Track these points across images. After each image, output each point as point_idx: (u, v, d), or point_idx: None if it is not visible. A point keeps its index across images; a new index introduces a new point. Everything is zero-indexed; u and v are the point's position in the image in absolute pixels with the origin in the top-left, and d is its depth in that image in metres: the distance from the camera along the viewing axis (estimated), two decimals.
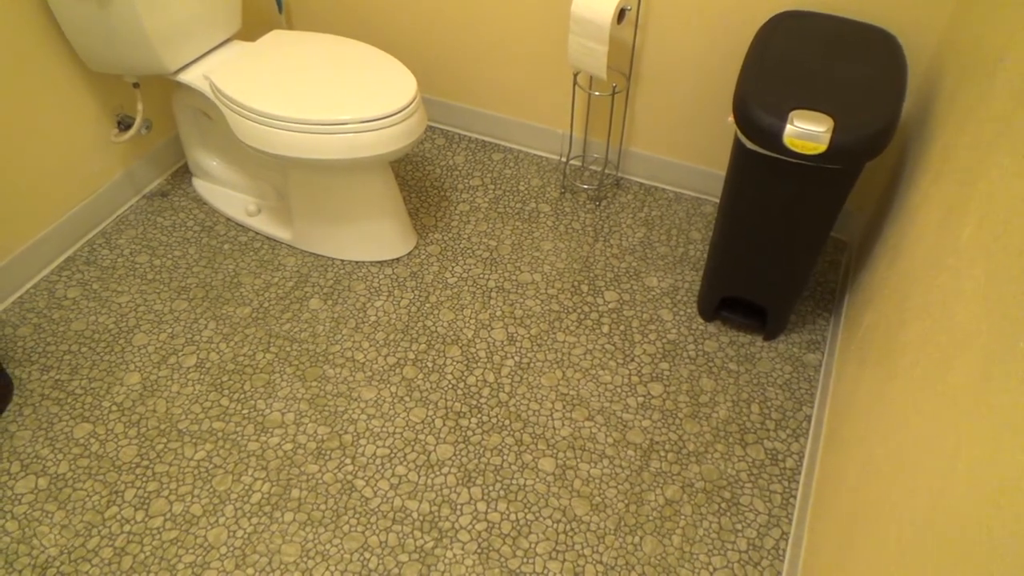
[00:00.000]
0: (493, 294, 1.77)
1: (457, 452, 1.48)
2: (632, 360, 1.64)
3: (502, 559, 1.33)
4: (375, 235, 1.80)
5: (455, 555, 1.33)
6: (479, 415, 1.54)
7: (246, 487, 1.42)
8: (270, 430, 1.50)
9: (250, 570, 1.31)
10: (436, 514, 1.39)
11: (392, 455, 1.47)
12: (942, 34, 1.50)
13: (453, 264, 1.84)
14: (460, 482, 1.43)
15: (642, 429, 1.52)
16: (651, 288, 1.80)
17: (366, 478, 1.43)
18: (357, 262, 1.84)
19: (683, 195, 2.04)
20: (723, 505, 1.41)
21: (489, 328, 1.70)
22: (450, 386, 1.59)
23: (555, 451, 1.48)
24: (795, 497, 1.42)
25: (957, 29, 1.40)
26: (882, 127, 1.24)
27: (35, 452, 1.46)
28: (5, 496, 1.40)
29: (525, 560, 1.33)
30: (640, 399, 1.57)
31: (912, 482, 0.85)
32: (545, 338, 1.68)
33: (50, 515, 1.38)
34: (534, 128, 2.12)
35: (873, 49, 1.41)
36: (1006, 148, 0.90)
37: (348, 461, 1.46)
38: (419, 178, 2.08)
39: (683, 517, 1.39)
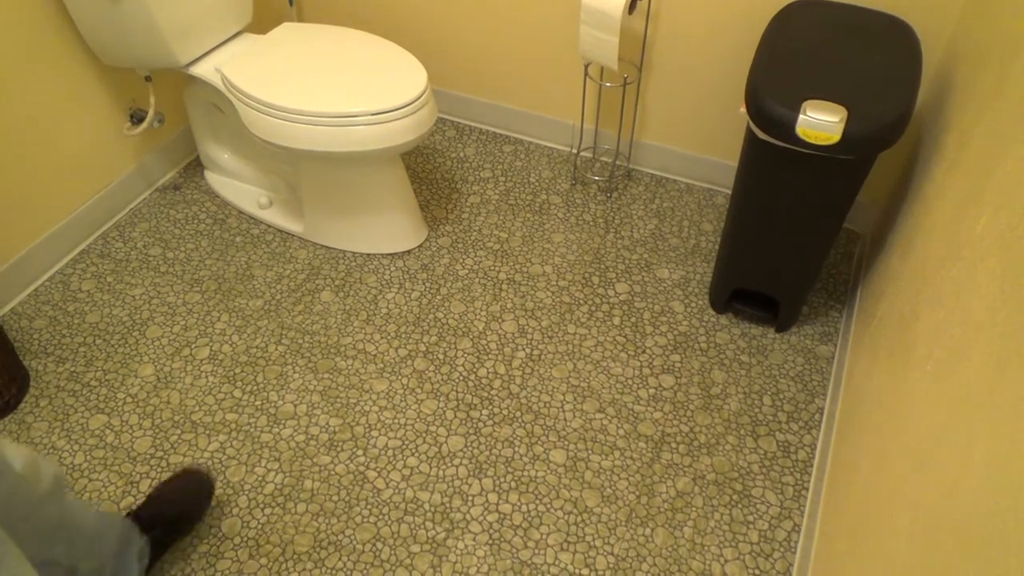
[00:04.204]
0: (504, 286, 1.77)
1: (468, 444, 1.48)
2: (643, 352, 1.64)
3: (513, 550, 1.34)
4: (386, 227, 1.81)
5: (466, 546, 1.34)
6: (490, 407, 1.54)
7: (259, 478, 1.43)
8: (283, 421, 1.51)
9: (264, 560, 1.32)
10: (448, 505, 1.39)
11: (404, 446, 1.48)
12: (957, 22, 1.48)
13: (464, 256, 1.84)
14: (471, 473, 1.44)
15: (653, 421, 1.52)
16: (662, 280, 1.79)
17: (378, 469, 1.44)
18: (368, 254, 1.85)
19: (695, 186, 2.03)
20: (735, 497, 1.41)
21: (500, 320, 1.70)
22: (461, 378, 1.59)
23: (566, 443, 1.49)
24: (807, 489, 1.42)
25: (973, 16, 1.38)
26: (896, 117, 1.23)
27: (51, 443, 1.48)
28: None
29: (536, 551, 1.34)
30: (651, 391, 1.57)
31: (926, 475, 0.84)
32: (556, 330, 1.68)
33: None
34: (545, 120, 2.11)
35: (887, 37, 1.40)
36: (1023, 138, 0.89)
37: (360, 452, 1.47)
38: (430, 170, 2.08)
39: (694, 509, 1.39)
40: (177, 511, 1.31)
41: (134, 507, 1.30)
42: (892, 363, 1.16)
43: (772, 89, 1.28)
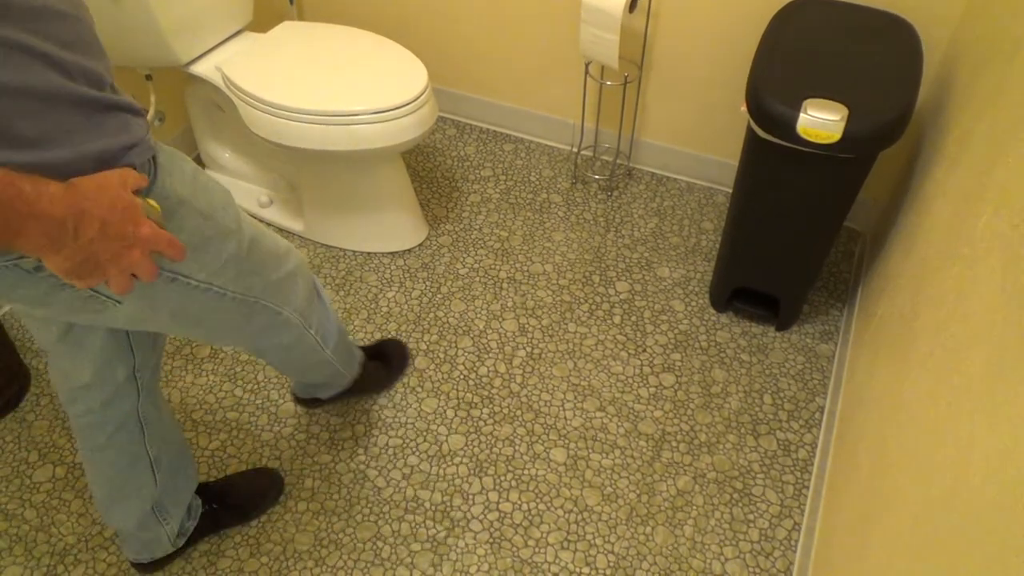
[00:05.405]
0: (504, 285, 1.77)
1: (469, 442, 1.48)
2: (644, 351, 1.64)
3: (514, 549, 1.34)
4: (387, 226, 1.81)
5: (467, 544, 1.34)
6: (490, 405, 1.54)
7: None
8: (283, 420, 1.51)
9: (264, 558, 1.32)
10: (448, 504, 1.39)
11: (404, 445, 1.48)
12: (959, 21, 1.48)
13: (464, 255, 1.84)
14: (472, 472, 1.44)
15: (654, 419, 1.52)
16: (663, 278, 1.79)
17: (379, 468, 1.44)
18: (369, 253, 1.85)
19: (695, 185, 2.03)
20: (735, 496, 1.41)
21: (500, 319, 1.70)
22: (462, 377, 1.59)
23: (566, 441, 1.49)
24: (808, 488, 1.42)
25: (975, 15, 1.38)
26: (897, 115, 1.23)
27: (52, 441, 1.48)
28: (24, 485, 1.42)
29: (536, 550, 1.34)
30: (652, 390, 1.57)
31: (926, 473, 0.84)
32: (556, 329, 1.68)
33: (67, 503, 1.39)
34: (545, 118, 2.11)
35: (888, 36, 1.40)
36: None
37: (361, 451, 1.47)
38: (430, 169, 2.08)
39: (695, 507, 1.39)
40: (239, 499, 1.36)
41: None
42: (893, 361, 1.16)
43: (773, 88, 1.28)
